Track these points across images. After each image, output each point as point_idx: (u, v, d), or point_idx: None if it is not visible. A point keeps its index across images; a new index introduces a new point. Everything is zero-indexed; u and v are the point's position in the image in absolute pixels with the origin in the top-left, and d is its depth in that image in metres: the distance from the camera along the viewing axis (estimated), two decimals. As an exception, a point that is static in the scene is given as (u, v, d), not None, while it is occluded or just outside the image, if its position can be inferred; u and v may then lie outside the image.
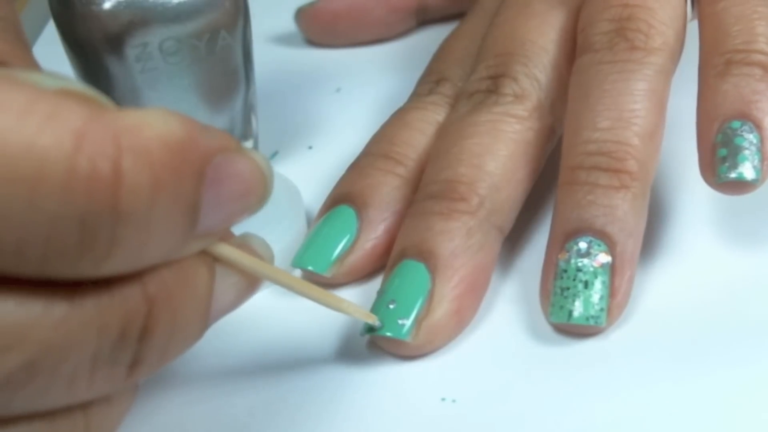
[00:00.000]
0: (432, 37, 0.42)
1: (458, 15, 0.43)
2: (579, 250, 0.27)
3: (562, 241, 0.28)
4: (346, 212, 0.31)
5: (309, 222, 0.32)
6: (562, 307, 0.27)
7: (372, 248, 0.30)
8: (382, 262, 0.30)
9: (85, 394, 0.19)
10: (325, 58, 0.42)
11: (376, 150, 0.32)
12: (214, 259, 0.21)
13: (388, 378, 0.27)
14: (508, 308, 0.29)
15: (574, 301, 0.27)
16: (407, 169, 0.31)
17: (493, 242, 0.29)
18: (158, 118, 0.17)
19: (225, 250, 0.21)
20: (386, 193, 0.31)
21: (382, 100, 0.38)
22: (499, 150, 0.30)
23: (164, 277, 0.19)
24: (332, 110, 0.39)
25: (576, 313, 0.27)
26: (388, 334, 0.27)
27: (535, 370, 0.27)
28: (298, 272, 0.31)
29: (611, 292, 0.27)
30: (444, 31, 0.38)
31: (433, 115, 0.32)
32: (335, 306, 0.26)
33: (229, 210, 0.20)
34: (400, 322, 0.27)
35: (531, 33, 0.32)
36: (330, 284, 0.30)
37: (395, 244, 0.29)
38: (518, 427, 0.26)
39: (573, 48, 0.31)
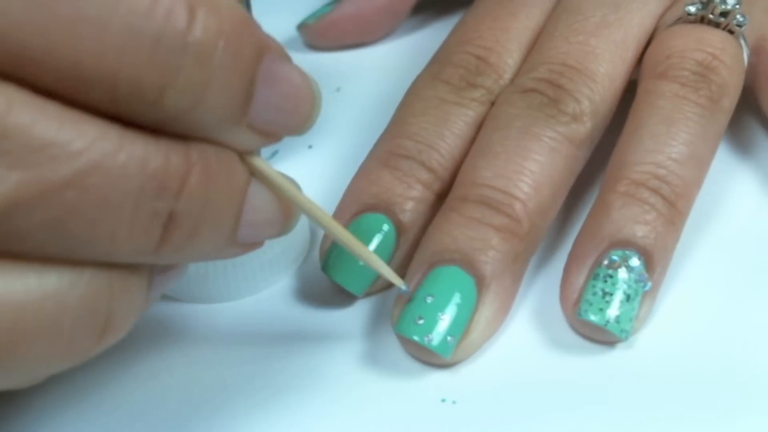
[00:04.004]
0: (433, 35, 0.41)
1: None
2: (633, 266, 0.27)
3: (606, 245, 0.28)
4: (382, 222, 0.29)
5: (310, 222, 0.32)
6: (601, 309, 0.27)
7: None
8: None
9: (123, 245, 0.19)
10: (325, 57, 0.42)
11: (417, 154, 0.30)
12: (251, 172, 0.22)
13: (389, 378, 0.27)
14: (510, 311, 0.29)
15: (615, 308, 0.27)
16: (443, 184, 0.30)
17: (526, 270, 0.30)
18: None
19: (262, 164, 0.22)
20: (425, 212, 0.30)
21: (382, 100, 0.38)
22: (554, 176, 0.29)
23: (207, 150, 0.20)
24: (332, 110, 0.38)
25: (614, 320, 0.27)
26: (432, 348, 0.27)
27: (535, 372, 0.27)
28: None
29: None
30: (444, 27, 0.37)
31: (474, 115, 0.31)
32: (365, 257, 0.26)
33: (277, 116, 0.21)
34: (449, 339, 0.27)
35: (605, 62, 0.31)
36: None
37: (437, 233, 0.28)
38: (518, 429, 0.26)
39: (627, 84, 0.32)
